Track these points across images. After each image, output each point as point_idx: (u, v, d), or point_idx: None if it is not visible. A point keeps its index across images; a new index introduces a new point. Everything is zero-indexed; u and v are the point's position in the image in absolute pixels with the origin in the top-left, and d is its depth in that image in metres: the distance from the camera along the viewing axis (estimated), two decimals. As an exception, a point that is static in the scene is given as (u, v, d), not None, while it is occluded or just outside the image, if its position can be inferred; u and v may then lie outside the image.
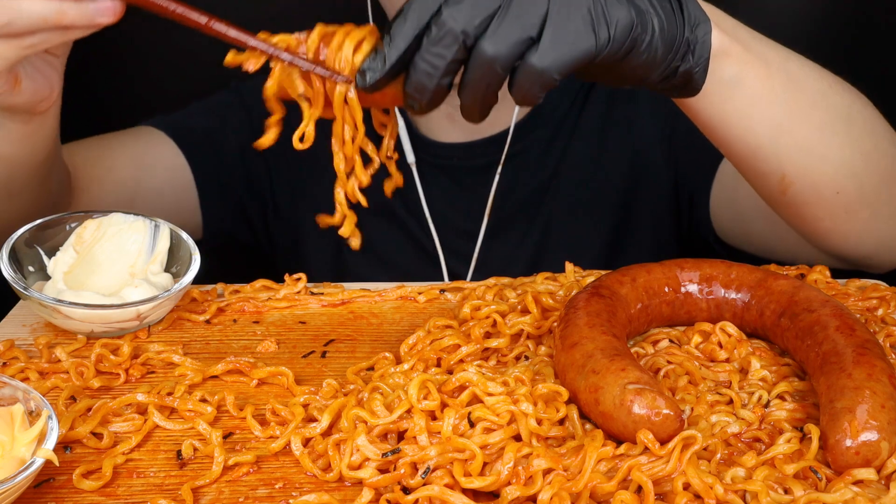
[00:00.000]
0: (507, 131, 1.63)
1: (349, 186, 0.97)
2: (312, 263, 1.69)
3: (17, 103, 1.10)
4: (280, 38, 0.91)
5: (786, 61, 1.08)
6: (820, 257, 1.25)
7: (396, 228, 1.68)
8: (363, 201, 0.98)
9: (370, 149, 0.96)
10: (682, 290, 1.04)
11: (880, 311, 1.10)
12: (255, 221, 1.76)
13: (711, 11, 1.02)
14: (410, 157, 1.59)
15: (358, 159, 0.95)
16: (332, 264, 1.68)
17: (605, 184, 1.65)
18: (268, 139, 0.97)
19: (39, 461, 0.82)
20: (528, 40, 0.86)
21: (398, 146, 1.64)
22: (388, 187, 1.01)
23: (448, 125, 1.64)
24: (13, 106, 1.10)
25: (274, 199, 1.74)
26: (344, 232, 0.99)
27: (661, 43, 0.93)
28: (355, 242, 1.00)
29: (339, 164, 0.95)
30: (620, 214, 1.63)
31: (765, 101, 1.06)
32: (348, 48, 0.89)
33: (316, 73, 0.90)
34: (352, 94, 0.90)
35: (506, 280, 1.18)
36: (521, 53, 0.87)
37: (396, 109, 1.02)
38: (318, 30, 0.91)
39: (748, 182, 1.19)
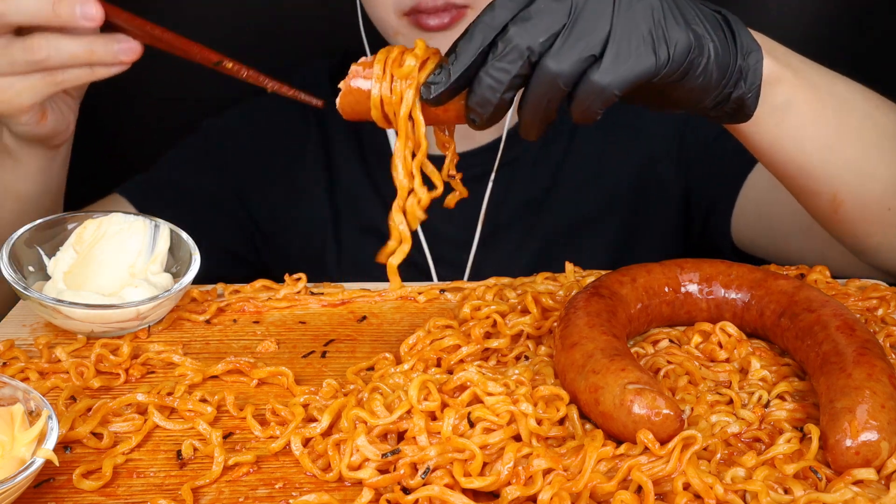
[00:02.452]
0: (498, 140, 1.63)
1: (409, 205, 0.94)
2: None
3: (41, 135, 1.21)
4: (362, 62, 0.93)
5: (832, 84, 1.11)
6: (865, 271, 1.25)
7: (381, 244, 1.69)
8: (422, 218, 0.96)
9: (430, 169, 0.96)
10: (682, 290, 1.04)
11: (880, 311, 1.10)
12: (247, 256, 1.75)
13: (762, 40, 1.04)
14: None
15: (418, 177, 0.94)
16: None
17: (610, 195, 1.65)
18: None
19: (39, 461, 0.82)
20: (591, 58, 0.88)
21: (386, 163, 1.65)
22: (452, 200, 1.02)
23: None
24: (36, 137, 1.22)
25: (260, 230, 1.74)
26: (395, 260, 0.95)
27: (715, 68, 0.96)
28: (395, 284, 0.97)
29: (403, 180, 0.94)
30: (625, 227, 1.63)
31: (815, 124, 1.08)
32: (412, 61, 0.90)
33: (288, 94, 1.05)
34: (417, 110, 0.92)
35: (506, 280, 1.18)
36: (584, 71, 0.89)
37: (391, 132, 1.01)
38: (383, 51, 0.92)
39: (799, 202, 1.20)
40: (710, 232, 1.58)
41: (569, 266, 1.18)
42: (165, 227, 1.17)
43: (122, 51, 1.10)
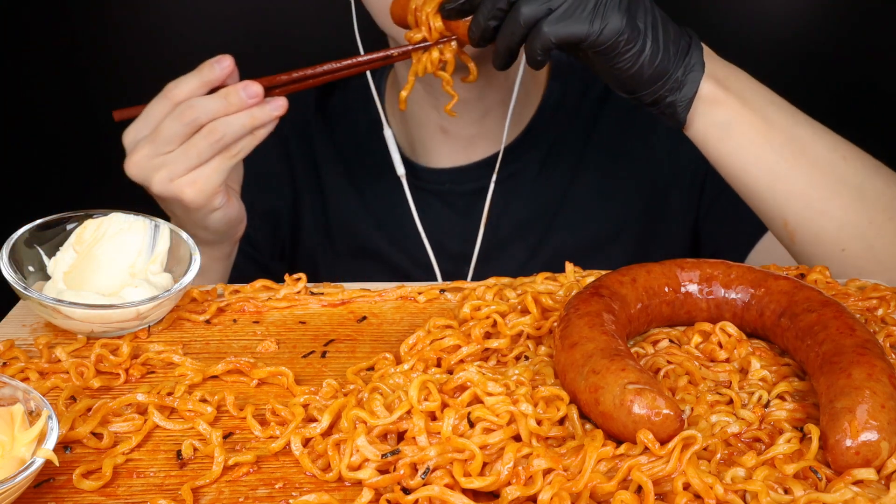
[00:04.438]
0: (494, 155, 1.66)
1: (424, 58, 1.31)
2: None
3: (231, 217, 1.40)
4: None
5: (794, 125, 1.26)
6: None
7: (381, 264, 1.69)
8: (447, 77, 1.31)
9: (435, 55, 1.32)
10: (682, 290, 1.04)
11: (880, 311, 1.10)
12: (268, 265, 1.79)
13: (723, 68, 1.25)
14: (400, 170, 1.61)
15: (434, 50, 1.30)
16: None
17: (616, 222, 1.66)
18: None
19: (39, 461, 0.82)
20: (548, 10, 1.15)
21: (391, 165, 1.70)
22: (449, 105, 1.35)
23: (441, 141, 1.66)
24: (229, 222, 1.40)
25: (278, 249, 1.78)
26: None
27: (647, 65, 1.19)
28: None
29: (415, 35, 1.29)
30: (629, 255, 1.64)
31: (758, 150, 1.25)
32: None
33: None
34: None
35: (506, 280, 1.18)
36: (539, 19, 1.15)
37: (390, 134, 1.56)
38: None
39: (766, 225, 1.34)
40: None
41: (569, 266, 1.18)
42: (165, 227, 1.17)
43: (275, 108, 1.30)
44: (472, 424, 0.87)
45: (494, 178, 1.62)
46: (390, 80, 1.75)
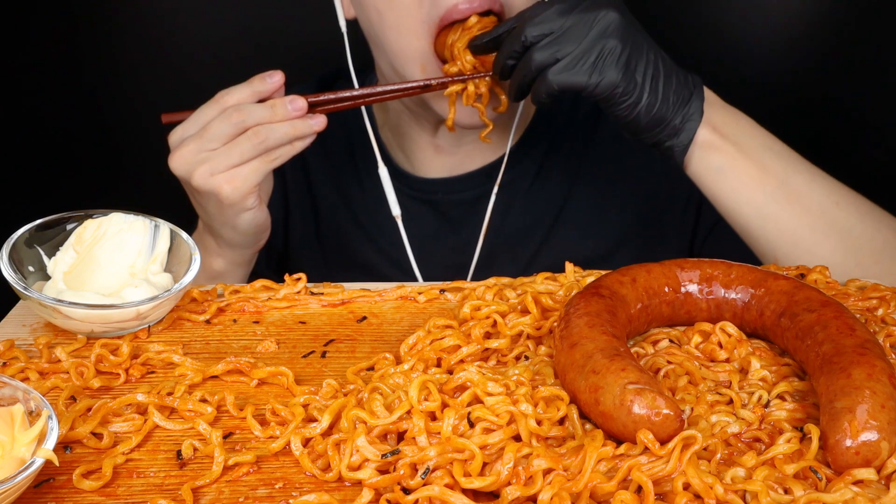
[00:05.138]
0: (487, 166, 1.67)
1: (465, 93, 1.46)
2: None
3: (260, 222, 1.46)
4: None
5: (789, 171, 1.35)
6: None
7: (374, 276, 1.70)
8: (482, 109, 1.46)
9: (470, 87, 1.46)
10: (682, 290, 1.04)
11: (880, 311, 1.10)
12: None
13: (721, 114, 1.36)
14: (396, 210, 1.62)
15: (471, 85, 1.46)
16: None
17: (612, 239, 1.67)
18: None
19: (39, 461, 0.82)
20: (555, 60, 1.29)
21: (381, 197, 1.71)
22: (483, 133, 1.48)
23: (433, 156, 1.69)
24: (258, 226, 1.46)
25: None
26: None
27: (644, 114, 1.31)
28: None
29: (451, 69, 1.45)
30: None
31: (751, 192, 1.34)
32: (472, 20, 1.44)
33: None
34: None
35: (506, 280, 1.18)
36: (547, 66, 1.29)
37: (385, 174, 1.59)
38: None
39: (757, 256, 1.41)
40: None
41: (569, 266, 1.18)
42: (165, 227, 1.17)
43: (316, 123, 1.40)
44: (472, 424, 0.87)
45: (496, 188, 1.63)
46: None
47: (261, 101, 1.39)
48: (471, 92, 1.45)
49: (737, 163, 1.35)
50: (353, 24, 1.61)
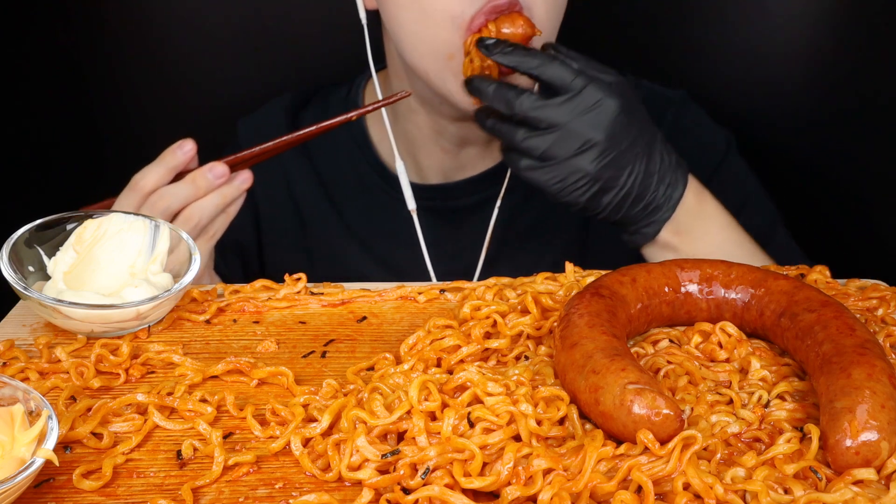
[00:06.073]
0: (489, 171, 1.67)
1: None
2: None
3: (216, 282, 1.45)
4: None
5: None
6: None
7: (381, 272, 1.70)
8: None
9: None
10: (682, 290, 1.04)
11: (880, 311, 1.10)
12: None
13: (689, 216, 1.38)
14: (411, 205, 1.62)
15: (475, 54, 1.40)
16: None
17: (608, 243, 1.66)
18: None
19: (39, 461, 0.82)
20: (531, 157, 1.33)
21: (374, 182, 1.73)
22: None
23: (438, 160, 1.68)
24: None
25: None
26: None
27: (605, 218, 1.37)
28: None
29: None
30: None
31: None
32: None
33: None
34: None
35: (506, 280, 1.18)
36: (524, 156, 1.34)
37: (402, 168, 1.59)
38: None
39: None
40: None
41: (569, 266, 1.18)
42: (165, 227, 1.17)
43: (242, 182, 1.36)
44: (472, 424, 0.87)
45: (502, 192, 1.62)
46: (369, 98, 1.75)
47: (178, 174, 1.34)
48: (476, 66, 1.40)
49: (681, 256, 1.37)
50: (353, 21, 1.60)
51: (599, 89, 1.30)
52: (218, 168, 1.33)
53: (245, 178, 1.35)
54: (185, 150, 1.33)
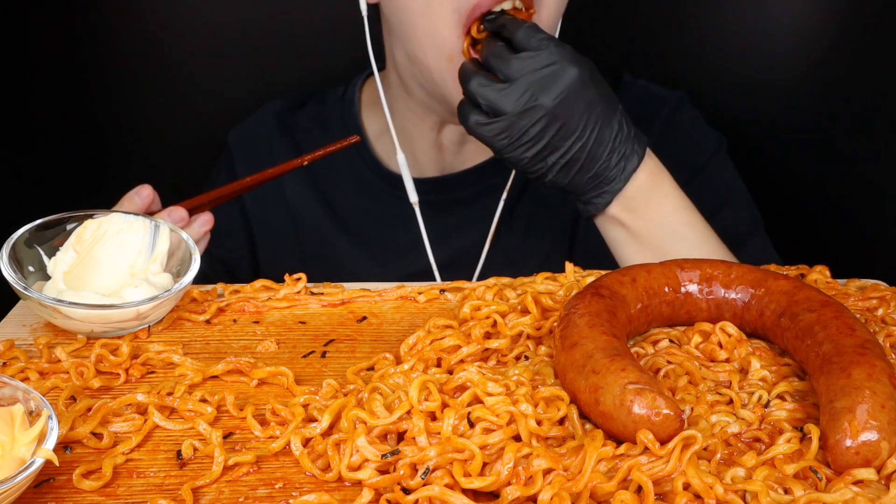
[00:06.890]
0: (486, 162, 1.66)
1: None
2: None
3: None
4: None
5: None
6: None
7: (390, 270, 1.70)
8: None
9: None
10: (682, 290, 1.04)
11: (880, 311, 1.10)
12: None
13: (642, 191, 1.36)
14: (413, 198, 1.62)
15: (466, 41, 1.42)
16: None
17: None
18: None
19: (39, 461, 0.82)
20: (481, 111, 1.33)
21: (372, 179, 1.73)
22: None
23: (436, 156, 1.68)
24: None
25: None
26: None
27: (549, 183, 1.36)
28: None
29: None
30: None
31: (640, 256, 1.39)
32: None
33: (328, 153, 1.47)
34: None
35: (506, 280, 1.18)
36: (475, 108, 1.33)
37: (403, 160, 1.60)
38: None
39: None
40: None
41: (569, 266, 1.18)
42: (165, 227, 1.17)
43: (202, 224, 1.37)
44: (472, 424, 0.87)
45: (509, 184, 1.62)
46: (366, 97, 1.75)
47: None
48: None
49: (634, 241, 1.39)
50: (352, 22, 1.60)
51: (559, 54, 1.30)
52: (177, 213, 1.34)
53: (204, 221, 1.37)
54: (142, 195, 1.34)
